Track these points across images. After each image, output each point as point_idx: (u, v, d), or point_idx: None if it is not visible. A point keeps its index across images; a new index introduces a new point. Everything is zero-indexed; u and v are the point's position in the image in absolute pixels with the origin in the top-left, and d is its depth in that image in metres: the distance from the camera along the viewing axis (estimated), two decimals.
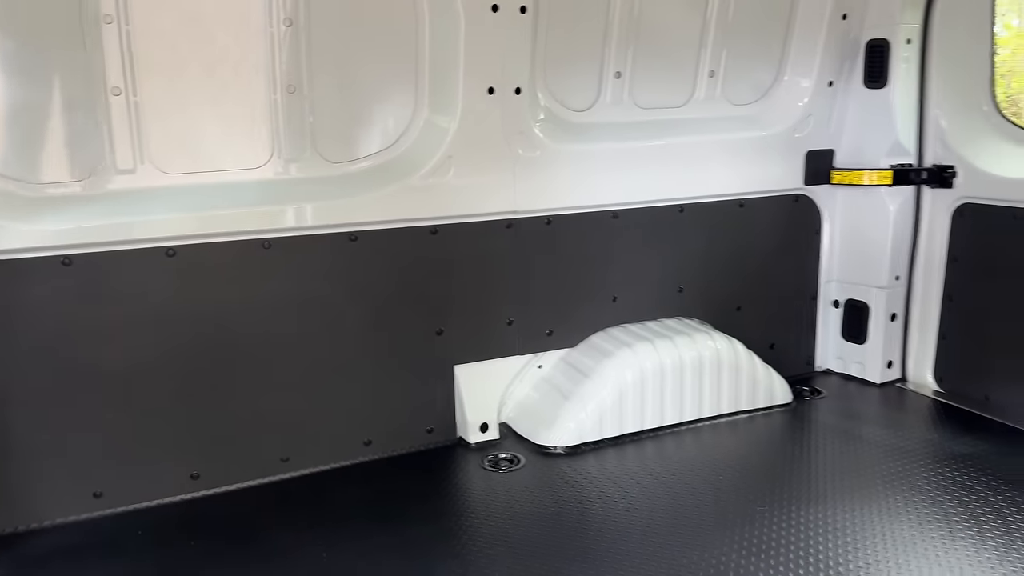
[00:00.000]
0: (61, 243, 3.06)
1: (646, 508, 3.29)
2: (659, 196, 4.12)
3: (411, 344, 3.72)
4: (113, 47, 3.03)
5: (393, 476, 3.58)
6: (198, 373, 3.33)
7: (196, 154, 3.28)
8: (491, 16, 3.45)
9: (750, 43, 4.16)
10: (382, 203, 3.53)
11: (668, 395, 3.92)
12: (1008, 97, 11.99)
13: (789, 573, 2.75)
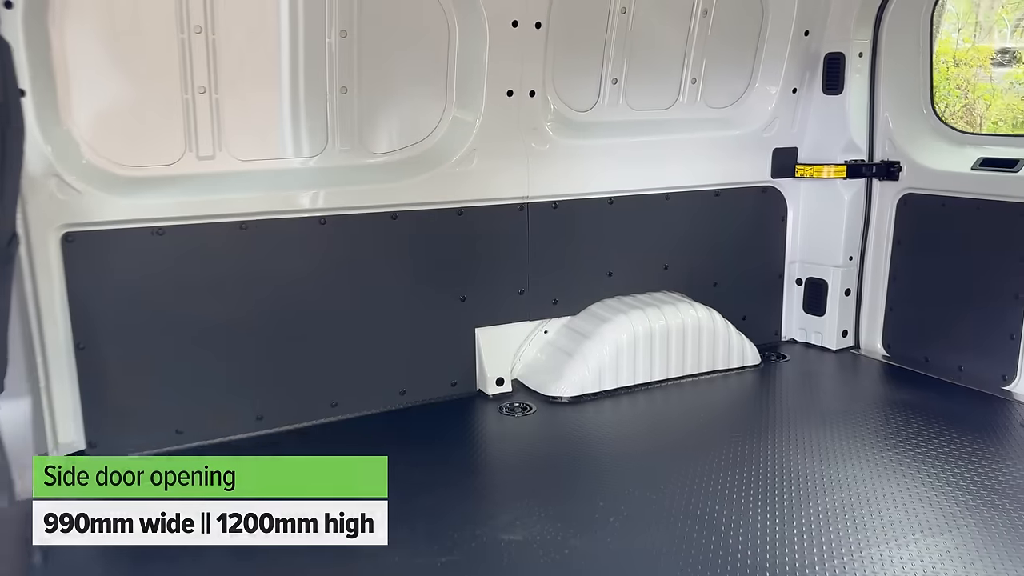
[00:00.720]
0: (154, 216, 3.65)
1: (638, 442, 3.98)
2: (648, 185, 4.78)
3: (439, 309, 4.34)
4: (201, 53, 3.64)
5: (424, 420, 4.19)
6: (263, 330, 3.93)
7: (264, 144, 3.89)
8: (511, 30, 4.10)
9: (726, 55, 4.84)
10: (417, 188, 4.16)
11: (656, 355, 4.58)
12: (963, 106, 12.85)
13: (760, 480, 3.43)
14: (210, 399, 3.86)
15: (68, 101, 3.48)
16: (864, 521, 3.11)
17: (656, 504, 3.28)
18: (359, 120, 4.05)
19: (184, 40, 3.59)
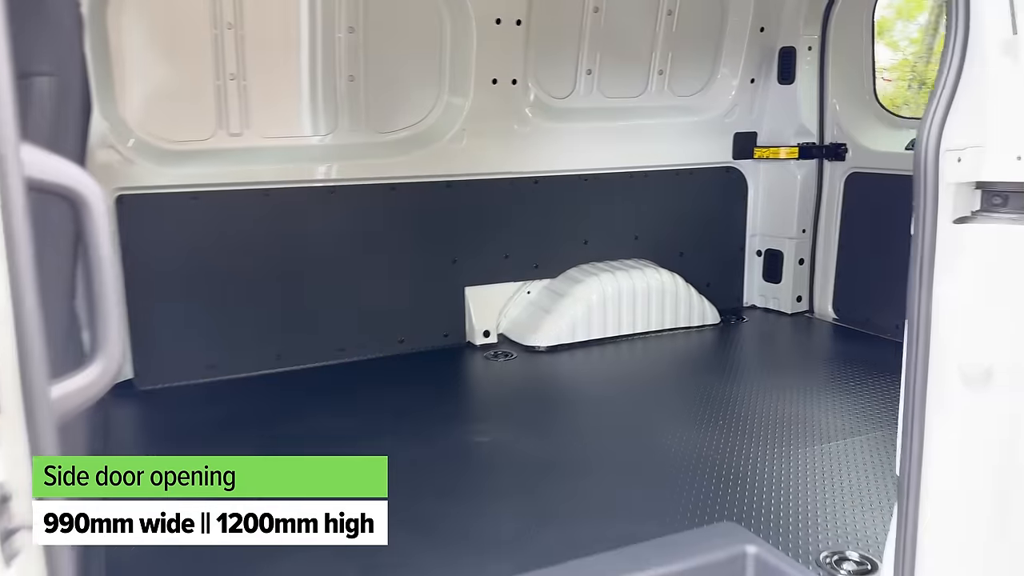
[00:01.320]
0: (191, 183, 4.34)
1: (600, 379, 4.64)
2: (620, 165, 5.42)
3: (433, 269, 5.00)
4: (231, 46, 4.32)
5: (418, 364, 4.85)
6: (282, 282, 4.61)
7: (284, 123, 4.57)
8: (495, 27, 4.75)
9: (690, 49, 5.47)
10: (414, 163, 4.82)
11: (624, 312, 5.22)
12: None
13: (705, 406, 4.06)
14: (236, 339, 4.54)
15: (122, 86, 4.18)
16: (797, 430, 3.73)
17: (608, 420, 3.93)
18: (364, 104, 4.72)
19: (217, 35, 4.28)
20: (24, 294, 1.24)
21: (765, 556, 2.64)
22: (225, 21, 4.28)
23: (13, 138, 1.20)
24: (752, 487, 3.19)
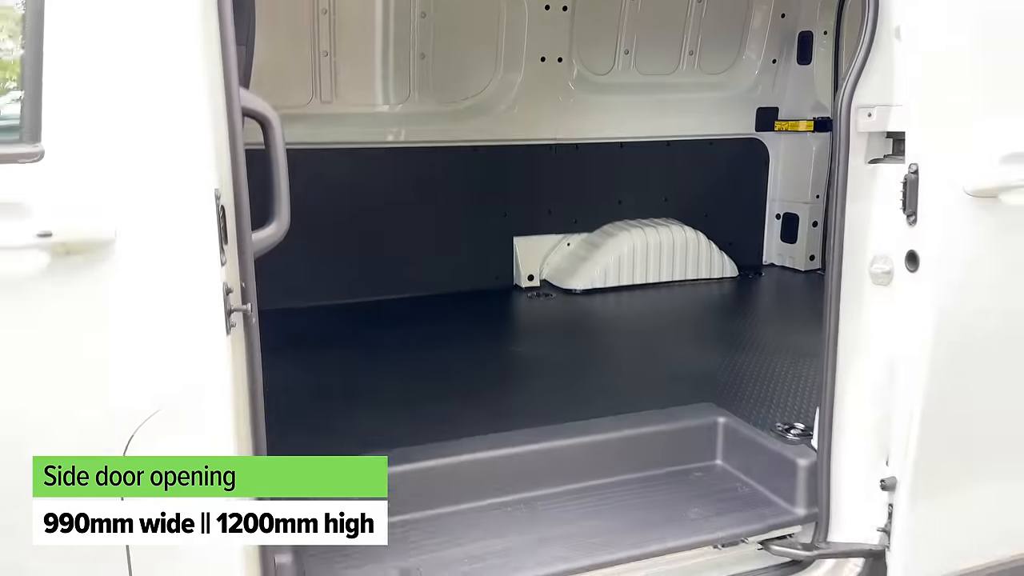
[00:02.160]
0: (291, 142, 5.24)
1: (628, 320, 5.44)
2: (653, 134, 6.18)
3: (487, 221, 5.87)
4: (325, 29, 5.24)
5: (471, 300, 5.73)
6: (363, 226, 5.52)
7: (366, 94, 5.48)
8: (544, 12, 5.57)
9: (718, 33, 6.17)
10: (473, 129, 5.68)
11: (651, 263, 6.01)
12: None
13: (721, 344, 4.85)
14: (326, 273, 5.48)
15: None
16: (786, 351, 4.43)
17: (627, 344, 4.77)
18: (433, 78, 5.59)
19: (315, 18, 5.20)
20: (240, 177, 2.15)
21: (732, 424, 3.45)
22: (321, 8, 5.19)
23: (236, 84, 2.10)
24: (736, 385, 3.97)
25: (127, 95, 1.86)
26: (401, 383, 4.11)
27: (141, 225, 1.87)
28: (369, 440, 3.31)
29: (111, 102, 1.85)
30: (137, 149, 1.87)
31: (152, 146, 1.88)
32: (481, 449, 3.19)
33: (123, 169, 1.86)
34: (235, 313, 2.09)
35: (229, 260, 2.06)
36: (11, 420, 1.83)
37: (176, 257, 1.92)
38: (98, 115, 1.84)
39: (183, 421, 1.98)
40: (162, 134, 1.89)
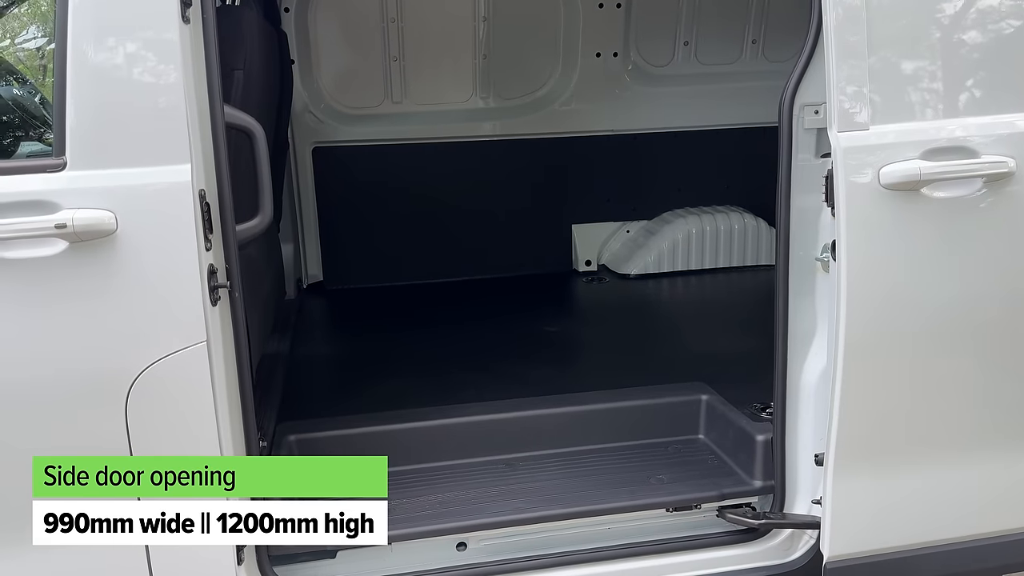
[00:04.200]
0: (365, 138, 5.88)
1: (677, 303, 5.66)
2: (714, 123, 6.28)
3: (547, 210, 6.22)
4: (395, 35, 5.77)
5: (531, 283, 6.12)
6: (430, 216, 6.04)
7: (434, 93, 5.97)
8: (598, 10, 5.84)
9: (782, 21, 6.17)
10: (535, 122, 6.04)
11: (707, 249, 6.15)
12: None
13: (758, 328, 5.01)
14: (396, 256, 6.05)
15: (318, 65, 5.77)
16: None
17: (668, 327, 5.03)
18: (494, 77, 6.00)
19: (384, 27, 5.74)
20: (223, 178, 2.67)
21: (714, 402, 3.68)
22: (389, 16, 5.73)
23: (219, 102, 2.62)
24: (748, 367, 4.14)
25: (125, 119, 2.42)
26: (440, 353, 4.61)
27: (137, 218, 2.44)
28: (393, 401, 3.82)
29: (114, 124, 2.42)
30: (133, 159, 2.44)
31: (145, 156, 2.45)
32: (475, 413, 3.62)
33: (123, 175, 2.43)
34: (220, 289, 2.61)
35: (215, 245, 2.59)
36: (32, 372, 2.44)
37: (166, 243, 2.47)
38: (105, 135, 2.42)
39: (174, 376, 2.53)
40: (153, 147, 2.45)
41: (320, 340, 5.03)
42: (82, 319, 2.46)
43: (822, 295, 3.04)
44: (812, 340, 3.11)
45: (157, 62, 2.42)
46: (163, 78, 2.43)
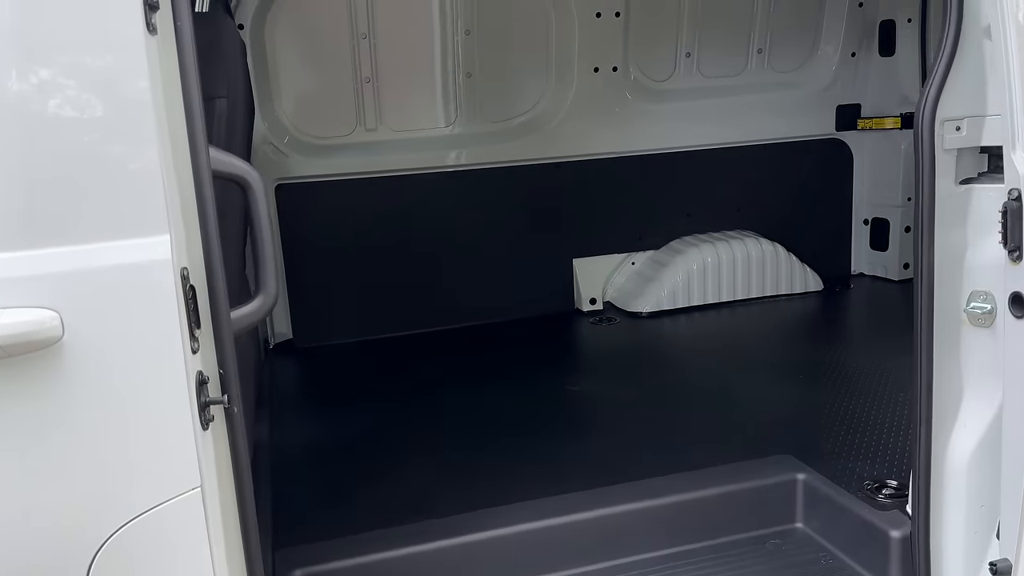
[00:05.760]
0: (336, 171, 5.11)
1: (698, 345, 5.01)
2: (721, 140, 5.72)
3: (544, 243, 5.54)
4: (366, 53, 5.03)
5: (529, 327, 5.42)
6: (414, 254, 5.30)
7: (411, 118, 5.24)
8: (595, 20, 5.21)
9: (789, 27, 5.67)
10: (526, 147, 5.38)
11: (724, 280, 5.56)
12: None
13: (798, 373, 4.40)
14: (377, 305, 5.28)
15: (278, 92, 4.98)
16: (874, 382, 3.99)
17: (696, 374, 4.36)
18: (480, 97, 5.31)
19: (354, 45, 5.00)
20: (212, 251, 1.89)
21: (813, 482, 3.03)
22: (360, 32, 4.99)
23: (203, 144, 1.85)
24: (819, 427, 3.52)
25: (70, 174, 1.62)
26: (444, 427, 3.85)
27: (92, 318, 1.63)
28: (420, 506, 3.05)
29: (53, 183, 1.62)
30: (84, 232, 1.63)
31: (102, 227, 1.65)
32: (533, 518, 2.90)
33: (69, 256, 1.63)
34: (214, 406, 1.82)
35: (203, 345, 1.81)
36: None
37: (135, 349, 1.68)
38: (40, 197, 1.61)
39: (155, 542, 1.74)
40: (113, 212, 1.65)
41: (301, 419, 4.19)
42: (11, 475, 1.65)
43: (973, 353, 2.44)
44: (959, 409, 2.49)
45: (112, 91, 1.64)
46: (124, 114, 1.65)
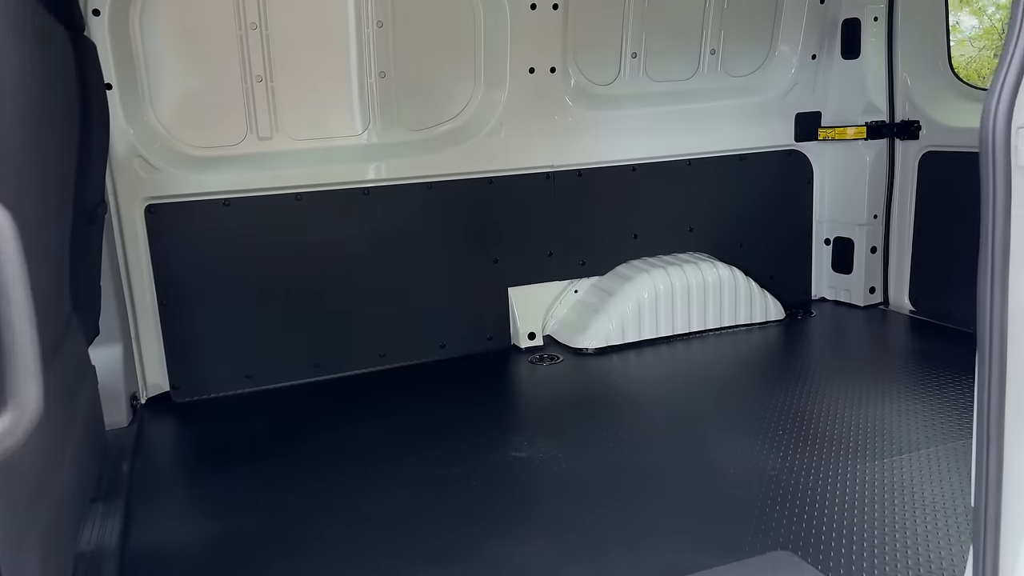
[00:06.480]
0: (222, 189, 4.24)
1: (656, 391, 4.31)
2: (670, 152, 5.09)
3: (475, 270, 4.79)
4: (257, 47, 4.19)
5: (460, 369, 4.65)
6: (319, 288, 4.47)
7: (314, 125, 4.42)
8: (530, 12, 4.50)
9: (744, 26, 5.09)
10: (451, 160, 4.62)
11: (677, 310, 4.90)
12: None
13: (764, 416, 3.74)
14: (274, 348, 4.43)
15: (148, 92, 4.09)
16: (868, 441, 3.36)
17: (657, 433, 3.64)
18: (397, 101, 4.53)
19: (242, 36, 4.16)
20: None
21: None
22: (249, 22, 4.15)
23: None
24: (813, 509, 2.86)
25: None
26: (366, 526, 3.00)
27: None
28: None
29: None
30: None
31: None
32: None
33: None
34: None
35: None
36: None
37: None
38: None
39: None
40: None
41: (173, 512, 3.23)
42: None
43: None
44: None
45: None
46: None
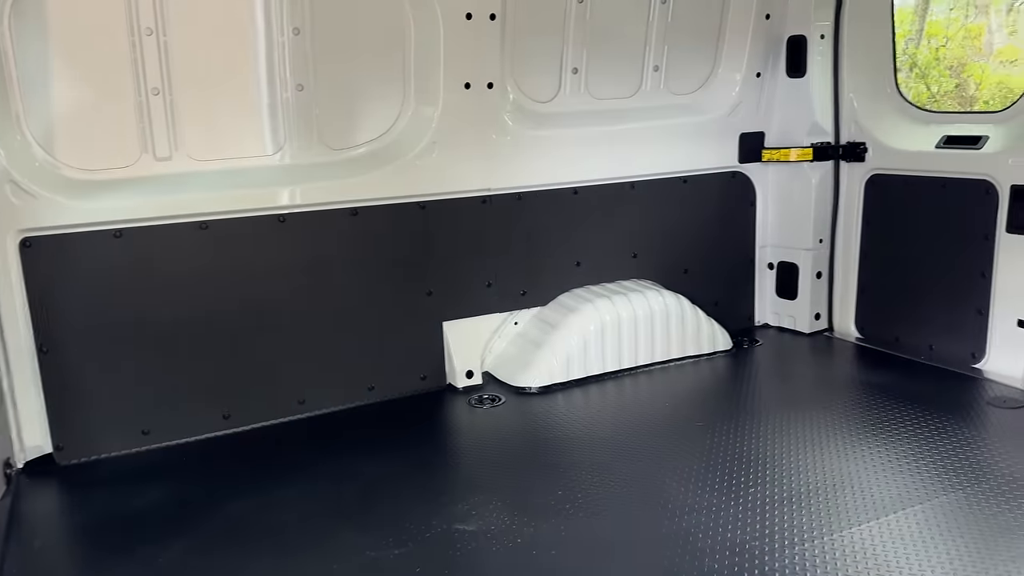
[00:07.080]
0: (112, 218, 3.67)
1: (603, 430, 3.97)
2: (613, 174, 4.78)
3: (405, 304, 4.35)
4: (153, 55, 3.65)
5: (392, 415, 4.21)
6: (228, 328, 3.95)
7: (221, 144, 3.90)
8: (465, 23, 4.11)
9: (688, 41, 4.84)
10: (378, 183, 4.17)
11: (625, 343, 4.59)
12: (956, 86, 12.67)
13: (724, 466, 3.44)
14: (176, 399, 3.88)
15: (21, 105, 3.49)
16: (828, 504, 3.09)
17: (615, 492, 3.29)
18: (317, 117, 4.06)
19: (135, 42, 3.61)
20: None
21: None
22: (143, 26, 3.61)
23: None
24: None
25: None
26: None
27: None
28: None
29: None
30: None
31: None
32: None
33: None
34: None
35: None
36: None
37: None
38: None
39: None
40: None
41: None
42: None
43: None
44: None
45: None
46: None
